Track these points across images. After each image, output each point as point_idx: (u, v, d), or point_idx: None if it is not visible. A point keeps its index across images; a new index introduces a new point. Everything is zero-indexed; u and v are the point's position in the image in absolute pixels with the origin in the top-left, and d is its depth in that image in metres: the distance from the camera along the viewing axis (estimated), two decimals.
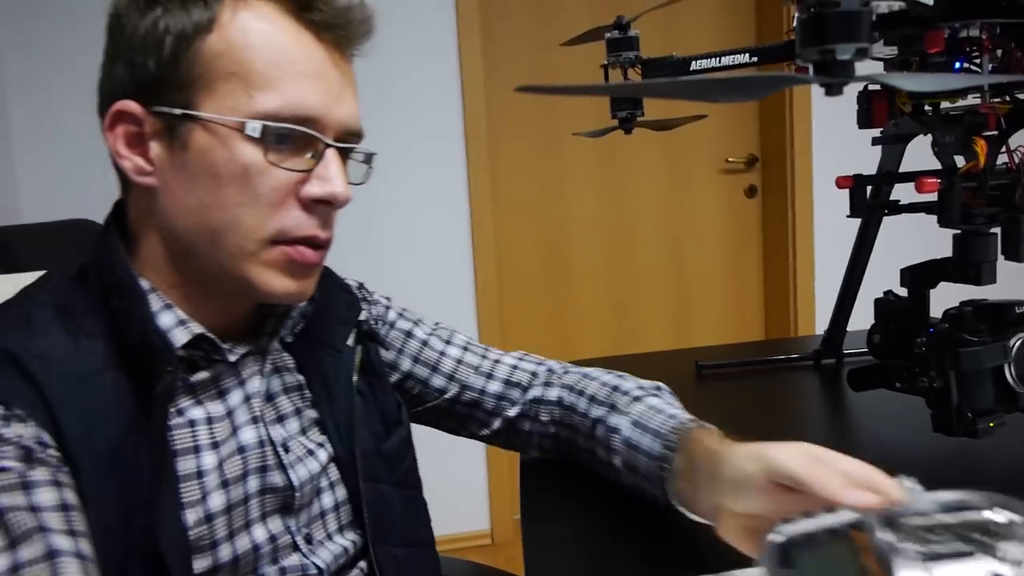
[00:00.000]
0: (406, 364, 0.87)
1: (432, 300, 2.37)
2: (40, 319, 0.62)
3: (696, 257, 2.69)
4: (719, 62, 0.85)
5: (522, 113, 2.50)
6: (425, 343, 0.88)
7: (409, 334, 0.88)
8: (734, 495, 0.59)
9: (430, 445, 0.85)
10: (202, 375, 0.68)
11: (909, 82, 0.49)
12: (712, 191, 2.67)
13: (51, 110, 2.15)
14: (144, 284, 0.66)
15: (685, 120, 0.95)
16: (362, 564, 0.76)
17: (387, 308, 0.89)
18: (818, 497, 0.52)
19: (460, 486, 2.47)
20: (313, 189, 0.65)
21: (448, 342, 0.89)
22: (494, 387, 0.88)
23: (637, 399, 0.80)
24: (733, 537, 0.60)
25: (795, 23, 0.49)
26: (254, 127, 0.62)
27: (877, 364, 0.84)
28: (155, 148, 0.64)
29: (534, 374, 0.89)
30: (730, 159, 2.65)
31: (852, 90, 0.67)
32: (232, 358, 0.69)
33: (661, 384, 0.84)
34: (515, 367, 0.89)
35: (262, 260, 0.65)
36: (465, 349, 0.90)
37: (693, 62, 0.86)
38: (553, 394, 0.86)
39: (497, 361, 0.90)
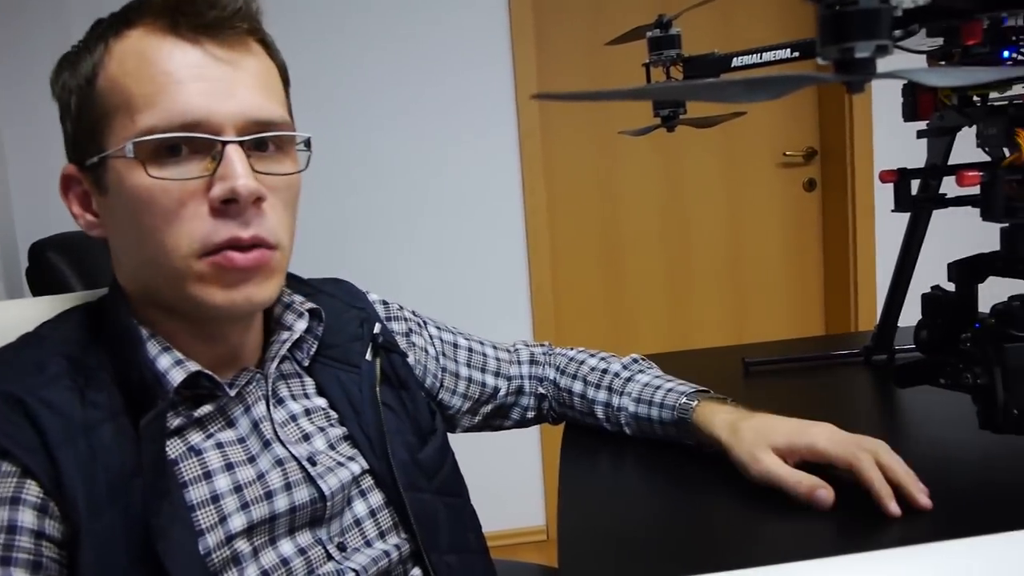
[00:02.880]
0: (464, 371, 0.94)
1: (487, 300, 2.39)
2: (53, 368, 0.63)
3: (754, 253, 2.65)
4: (760, 58, 0.85)
5: (576, 111, 2.50)
6: (470, 349, 0.95)
7: (455, 344, 0.94)
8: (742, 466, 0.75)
9: (483, 442, 0.87)
10: (206, 408, 0.69)
11: (934, 77, 0.49)
12: (770, 185, 2.63)
13: None
14: (144, 332, 0.68)
15: (725, 117, 0.95)
16: (416, 572, 0.77)
17: (422, 324, 0.93)
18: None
19: (514, 482, 2.48)
20: (214, 191, 0.63)
21: (481, 343, 0.97)
22: (525, 370, 0.98)
23: (628, 379, 0.91)
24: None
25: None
26: (128, 148, 0.62)
27: (924, 360, 0.83)
28: (95, 201, 0.68)
29: (543, 353, 1.00)
30: (788, 153, 2.61)
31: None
32: (233, 391, 0.70)
33: (636, 356, 0.96)
34: (529, 348, 1.01)
35: (196, 276, 0.64)
36: (494, 347, 0.98)
37: (734, 59, 0.86)
38: (550, 373, 0.98)
39: (517, 349, 1.00)
